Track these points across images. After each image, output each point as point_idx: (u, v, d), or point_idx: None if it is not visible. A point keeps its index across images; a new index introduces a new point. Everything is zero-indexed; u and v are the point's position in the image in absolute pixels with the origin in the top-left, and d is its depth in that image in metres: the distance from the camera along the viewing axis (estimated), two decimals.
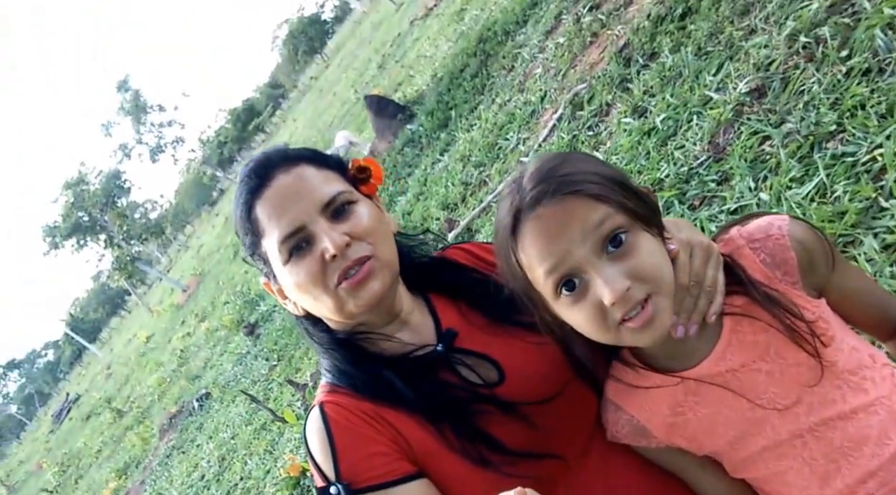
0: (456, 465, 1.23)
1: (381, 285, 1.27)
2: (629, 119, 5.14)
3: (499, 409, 1.26)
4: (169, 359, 21.17)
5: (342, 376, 1.33)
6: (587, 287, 1.06)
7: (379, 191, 1.42)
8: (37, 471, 30.16)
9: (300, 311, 1.36)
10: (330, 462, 1.23)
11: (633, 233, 1.07)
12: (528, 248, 1.09)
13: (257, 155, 1.35)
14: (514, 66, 9.03)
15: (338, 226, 1.26)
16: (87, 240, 34.81)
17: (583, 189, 1.06)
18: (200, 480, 9.73)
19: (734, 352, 1.17)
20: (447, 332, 1.37)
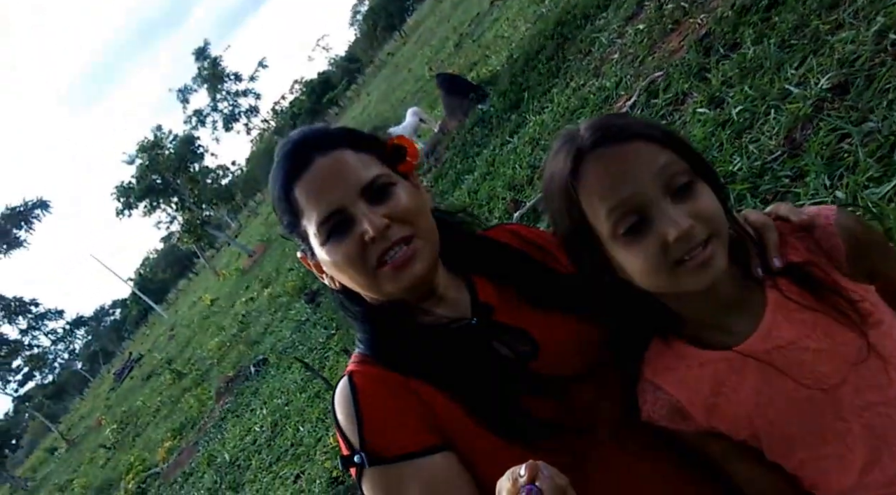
0: (483, 439, 1.22)
1: (422, 266, 1.28)
2: (705, 109, 5.03)
3: (530, 384, 1.25)
4: (230, 323, 21.65)
5: (374, 347, 1.34)
6: (650, 225, 1.08)
7: (421, 169, 1.40)
8: (96, 427, 31.15)
9: (336, 285, 1.36)
10: (355, 431, 1.23)
11: (693, 182, 1.09)
12: (591, 186, 1.10)
13: (294, 135, 1.35)
14: (591, 51, 8.91)
15: (377, 208, 1.26)
16: (159, 203, 35.45)
17: (645, 134, 1.10)
18: (252, 444, 9.98)
19: (780, 328, 1.15)
20: (483, 306, 1.36)
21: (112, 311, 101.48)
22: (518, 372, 1.27)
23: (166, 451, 14.44)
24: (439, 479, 1.20)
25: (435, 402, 1.24)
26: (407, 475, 1.20)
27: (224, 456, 10.58)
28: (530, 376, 1.26)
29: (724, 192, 1.17)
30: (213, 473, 10.33)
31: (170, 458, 13.98)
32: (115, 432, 23.26)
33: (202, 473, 10.98)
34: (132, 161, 35.20)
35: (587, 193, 1.11)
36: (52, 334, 46.38)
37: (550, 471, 0.94)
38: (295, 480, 7.42)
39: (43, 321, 44.23)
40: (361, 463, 1.21)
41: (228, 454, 10.48)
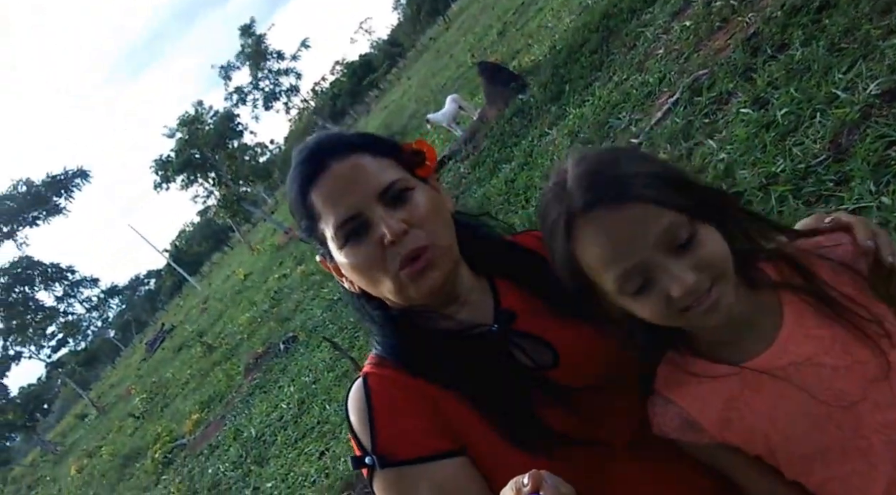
0: (498, 447, 1.21)
1: (441, 274, 1.26)
2: (748, 110, 4.98)
3: (549, 393, 1.24)
4: (262, 298, 21.83)
5: (391, 350, 1.32)
6: (654, 281, 1.07)
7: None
8: (126, 396, 31.45)
9: (356, 289, 1.35)
10: (368, 433, 1.23)
11: (695, 232, 1.06)
12: (589, 251, 1.09)
13: (310, 141, 1.33)
14: (635, 45, 8.83)
15: (395, 213, 1.24)
16: (197, 177, 35.62)
17: (642, 195, 1.05)
18: (279, 420, 10.08)
19: (798, 344, 1.14)
20: (504, 312, 1.34)
21: (147, 281, 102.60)
22: (536, 381, 1.26)
23: (193, 423, 14.60)
24: (450, 484, 1.19)
25: (451, 408, 1.24)
26: (417, 479, 1.19)
27: (250, 430, 10.70)
28: (548, 386, 1.25)
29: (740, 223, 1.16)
30: (239, 447, 10.45)
31: (197, 431, 14.14)
32: (144, 402, 23.46)
33: (228, 447, 11.12)
34: (172, 135, 35.38)
35: (586, 259, 1.10)
36: (87, 302, 47.01)
37: (554, 481, 0.94)
38: (320, 457, 7.51)
39: (78, 288, 44.85)
40: (372, 465, 1.21)
41: (255, 429, 10.59)
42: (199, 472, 11.36)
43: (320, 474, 7.04)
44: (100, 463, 20.93)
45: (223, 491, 9.51)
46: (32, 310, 40.88)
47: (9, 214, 38.33)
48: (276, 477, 8.14)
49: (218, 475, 10.24)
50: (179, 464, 13.05)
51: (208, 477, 10.56)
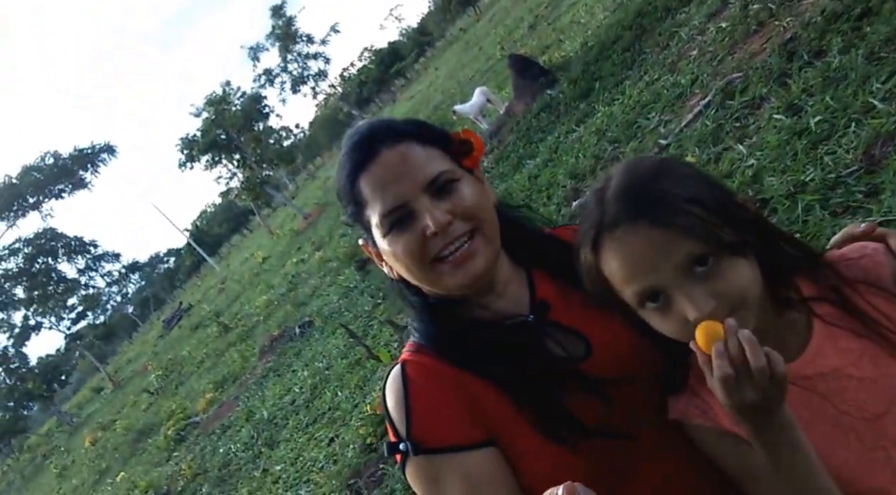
0: (529, 438, 1.23)
1: (483, 263, 1.28)
2: (781, 116, 4.92)
3: (580, 385, 1.25)
4: (280, 282, 21.93)
5: (429, 338, 1.34)
6: (671, 302, 1.08)
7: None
8: (142, 372, 31.74)
9: (395, 275, 1.37)
10: (403, 419, 1.25)
11: (721, 259, 1.06)
12: (611, 265, 1.11)
13: (362, 127, 1.35)
14: (668, 45, 8.75)
15: (440, 203, 1.26)
16: (221, 158, 35.69)
17: (672, 221, 1.04)
18: (291, 404, 10.15)
19: (826, 356, 1.14)
20: (540, 303, 1.36)
21: (166, 260, 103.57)
22: (568, 372, 1.27)
23: (207, 402, 14.71)
24: (481, 474, 1.21)
25: (485, 397, 1.26)
26: (449, 467, 1.22)
27: (263, 412, 10.77)
28: (580, 377, 1.26)
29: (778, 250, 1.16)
30: (251, 428, 10.53)
31: (210, 409, 14.25)
32: (159, 378, 23.68)
33: (240, 427, 11.21)
34: (199, 114, 35.60)
35: (608, 269, 1.12)
36: (108, 276, 47.42)
37: (587, 493, 0.94)
38: (329, 443, 7.55)
39: (100, 262, 45.10)
40: (406, 452, 1.23)
41: (267, 411, 10.67)
42: (210, 451, 11.47)
43: (329, 460, 7.08)
44: (113, 437, 21.17)
45: (233, 470, 9.59)
46: (54, 281, 41.28)
47: (35, 185, 38.64)
48: (285, 460, 8.20)
49: (229, 454, 10.34)
50: (191, 442, 13.18)
51: (219, 457, 10.66)
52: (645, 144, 6.82)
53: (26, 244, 40.17)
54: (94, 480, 18.04)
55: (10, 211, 38.59)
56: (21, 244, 40.05)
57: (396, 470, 5.52)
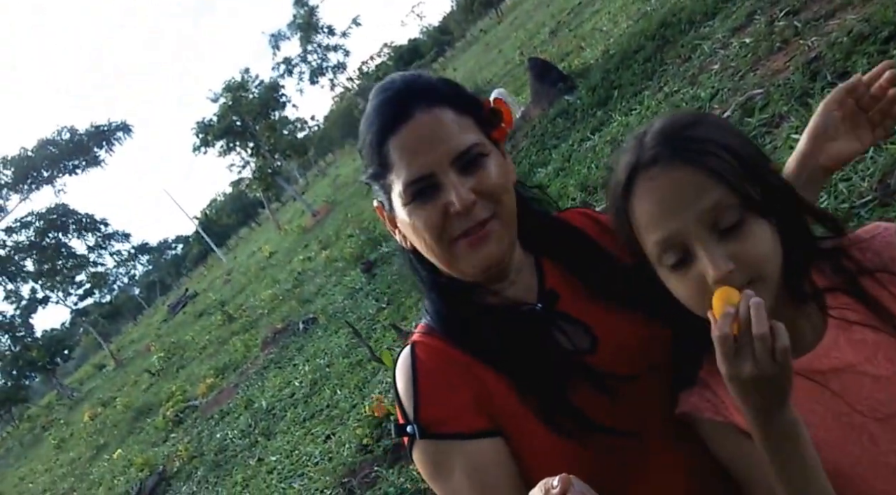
0: (534, 429, 1.22)
1: (499, 248, 1.26)
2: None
3: (586, 379, 1.24)
4: (286, 278, 21.95)
5: (440, 320, 1.33)
6: (691, 258, 1.06)
7: (512, 159, 1.36)
8: (145, 353, 31.95)
9: (407, 245, 1.35)
10: (411, 402, 1.25)
11: (746, 219, 1.04)
12: (638, 211, 1.10)
13: (397, 81, 1.29)
14: (690, 58, 8.69)
15: (466, 180, 1.22)
16: (235, 145, 35.75)
17: (704, 162, 1.04)
18: (290, 397, 10.17)
19: (841, 350, 1.11)
20: (549, 292, 1.34)
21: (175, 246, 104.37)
22: (573, 365, 1.26)
23: (207, 388, 14.79)
24: (484, 464, 1.21)
25: (493, 386, 1.25)
26: (454, 454, 1.21)
27: (261, 402, 10.80)
28: (584, 370, 1.25)
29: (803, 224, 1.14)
30: (249, 417, 10.56)
31: (209, 395, 14.31)
32: (161, 360, 23.80)
33: (238, 415, 11.24)
34: (216, 99, 35.65)
35: (636, 216, 1.11)
36: (117, 256, 47.78)
37: (581, 487, 0.93)
38: (325, 440, 7.55)
39: (110, 241, 45.44)
40: (413, 434, 1.23)
41: (266, 402, 10.69)
42: (207, 435, 11.52)
43: (324, 456, 7.08)
44: (113, 414, 21.26)
45: (229, 456, 9.62)
46: (64, 256, 41.54)
47: (50, 159, 38.94)
48: (281, 451, 8.22)
49: (226, 440, 10.38)
50: (189, 425, 13.24)
51: (216, 441, 10.71)
52: None
53: (38, 218, 40.48)
54: (92, 455, 18.12)
55: (23, 183, 38.92)
56: (33, 218, 40.41)
57: (390, 474, 5.54)
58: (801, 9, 7.08)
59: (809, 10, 6.86)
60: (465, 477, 1.20)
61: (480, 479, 1.20)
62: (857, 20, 5.70)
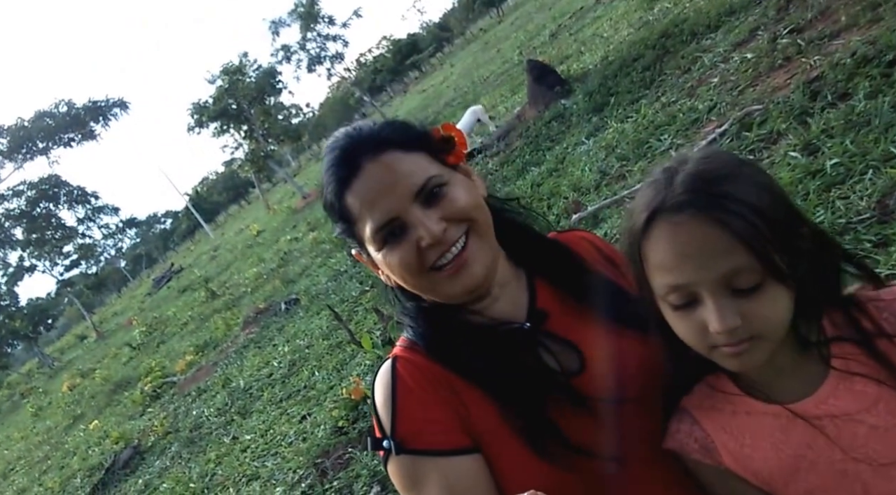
0: (514, 449, 1.20)
1: (481, 269, 1.26)
2: (797, 154, 4.90)
3: (571, 401, 1.22)
4: (271, 257, 21.93)
5: (422, 338, 1.32)
6: (697, 303, 1.05)
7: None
8: (127, 326, 31.85)
9: (391, 283, 1.35)
10: (389, 416, 1.24)
11: (764, 283, 1.01)
12: (653, 252, 1.07)
13: (341, 139, 1.29)
14: (690, 69, 8.76)
15: (432, 211, 1.23)
16: (229, 127, 35.86)
17: (735, 226, 0.99)
18: (268, 377, 10.18)
19: (840, 398, 1.10)
20: (538, 312, 1.33)
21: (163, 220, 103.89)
22: (559, 386, 1.24)
23: (186, 364, 14.78)
24: (460, 481, 1.20)
25: (473, 404, 1.24)
26: (429, 470, 1.20)
27: (239, 381, 10.80)
28: (570, 392, 1.23)
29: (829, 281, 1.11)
30: (226, 395, 10.56)
31: (188, 371, 14.29)
32: (142, 334, 23.74)
33: (215, 393, 11.23)
34: (213, 81, 35.65)
35: (650, 254, 1.08)
36: (105, 229, 48.07)
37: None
38: (301, 420, 7.56)
39: (99, 214, 45.76)
40: (389, 449, 1.23)
41: (244, 381, 10.70)
42: (184, 412, 11.50)
43: (298, 437, 7.10)
44: (91, 385, 21.19)
45: (204, 433, 9.61)
46: (53, 227, 41.80)
47: (46, 131, 38.97)
48: (256, 430, 8.23)
49: (201, 418, 10.36)
50: (166, 400, 13.21)
51: (192, 418, 10.69)
52: (654, 166, 6.76)
53: (30, 187, 40.74)
54: (68, 424, 18.05)
55: (18, 153, 38.90)
56: (25, 187, 40.66)
57: (364, 456, 5.56)
58: (805, 27, 7.14)
59: (814, 29, 6.92)
60: (440, 493, 1.19)
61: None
62: (861, 42, 5.75)
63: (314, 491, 5.61)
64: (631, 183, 6.84)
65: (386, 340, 7.19)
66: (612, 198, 6.81)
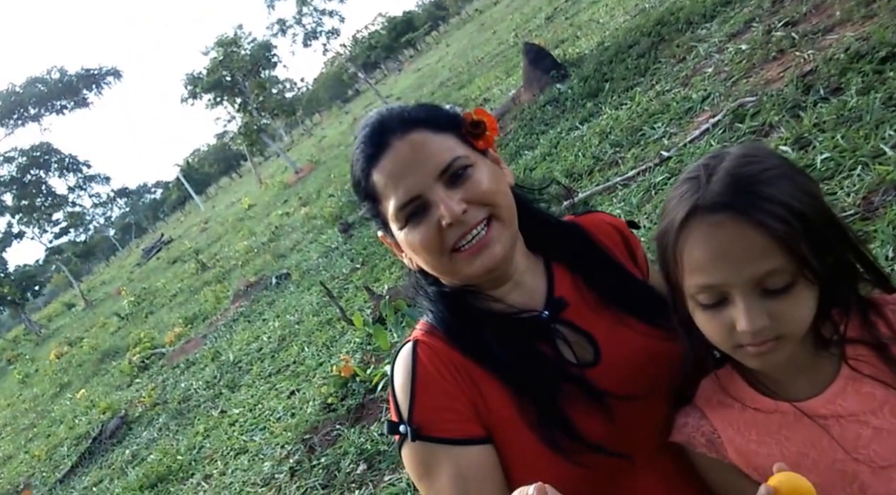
0: (526, 440, 1.22)
1: (501, 250, 1.27)
2: (788, 147, 4.94)
3: (584, 394, 1.23)
4: (262, 231, 21.94)
5: (443, 325, 1.33)
6: (727, 302, 1.06)
7: (499, 141, 1.37)
8: (115, 296, 31.79)
9: (414, 266, 1.37)
10: (407, 401, 1.25)
11: (796, 283, 1.03)
12: (689, 251, 1.07)
13: (373, 117, 1.32)
14: (685, 58, 8.78)
15: (454, 192, 1.24)
16: (223, 99, 35.80)
17: (775, 228, 0.99)
18: (257, 351, 10.23)
19: (847, 398, 1.12)
20: (557, 301, 1.34)
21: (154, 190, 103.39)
22: (574, 378, 1.25)
23: (175, 336, 14.82)
24: (472, 471, 1.21)
25: (489, 392, 1.25)
26: (442, 458, 1.22)
27: (228, 355, 10.87)
28: (586, 386, 1.24)
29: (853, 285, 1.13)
30: (215, 368, 10.60)
31: (176, 343, 14.33)
32: (131, 305, 23.75)
33: (204, 365, 11.29)
34: (208, 53, 35.56)
35: (685, 253, 1.07)
36: (96, 197, 48.12)
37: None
38: (289, 396, 7.61)
39: (90, 183, 45.87)
40: (405, 434, 1.24)
41: (233, 354, 10.75)
42: (172, 383, 11.57)
43: (287, 412, 7.14)
44: (79, 354, 21.23)
45: (192, 406, 9.67)
46: (44, 194, 42.04)
47: (38, 97, 38.88)
48: (244, 404, 8.29)
49: (190, 390, 10.44)
50: (154, 372, 13.26)
51: (180, 390, 10.77)
52: (647, 153, 6.86)
53: (21, 154, 40.94)
54: (55, 392, 18.12)
55: (9, 119, 38.84)
56: (16, 153, 40.86)
57: (352, 433, 5.59)
58: (799, 20, 7.18)
59: (808, 23, 6.95)
60: (451, 482, 1.21)
61: (465, 486, 1.20)
62: (854, 37, 5.78)
63: (302, 466, 5.66)
64: (624, 170, 6.89)
65: (377, 319, 7.23)
66: (604, 184, 6.87)
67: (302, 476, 5.51)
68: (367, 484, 4.83)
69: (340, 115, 63.34)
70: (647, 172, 6.43)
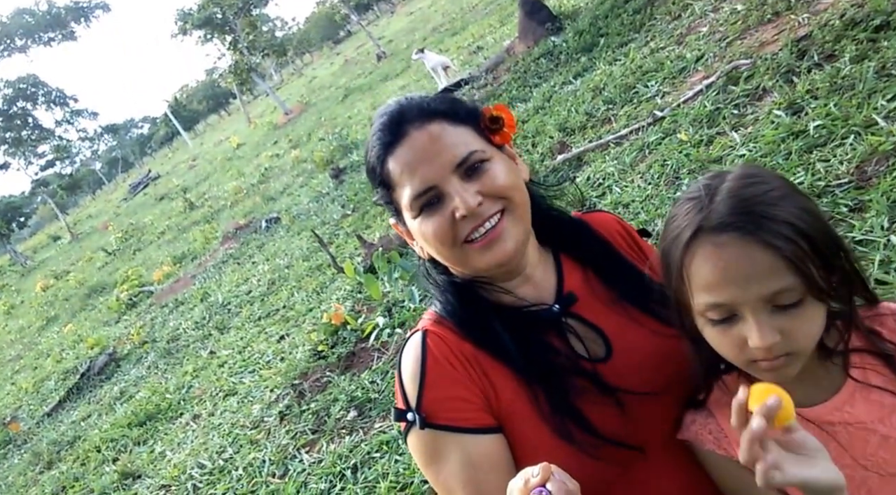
0: (538, 431, 1.23)
1: (513, 244, 1.28)
2: (781, 113, 4.96)
3: (596, 388, 1.25)
4: (252, 172, 21.81)
5: (451, 313, 1.34)
6: (736, 319, 1.07)
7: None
8: (102, 230, 31.58)
9: (426, 255, 1.38)
10: (415, 390, 1.26)
11: (804, 300, 1.04)
12: (696, 270, 1.08)
13: (392, 106, 1.32)
14: (680, 16, 8.75)
15: (470, 185, 1.25)
16: (213, 36, 35.37)
17: (782, 248, 1.01)
18: (247, 294, 10.28)
19: (855, 406, 1.13)
20: (567, 295, 1.36)
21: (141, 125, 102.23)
22: (586, 372, 1.27)
23: (163, 275, 14.82)
24: (482, 459, 1.22)
25: (499, 382, 1.26)
26: (450, 446, 1.23)
27: (218, 296, 10.91)
28: (597, 380, 1.26)
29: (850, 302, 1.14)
30: (204, 309, 10.65)
31: (165, 282, 14.35)
32: (118, 240, 23.66)
33: (193, 306, 11.35)
34: None
35: (693, 273, 1.08)
36: (83, 132, 47.69)
37: (562, 476, 0.96)
38: (279, 340, 7.66)
39: (77, 118, 45.50)
40: (413, 422, 1.25)
41: (222, 296, 10.80)
42: (160, 322, 11.62)
43: (276, 356, 7.19)
44: (65, 287, 21.24)
45: (181, 346, 9.74)
46: (30, 127, 41.74)
47: (25, 28, 38.35)
48: (233, 347, 8.35)
49: (179, 330, 10.49)
50: (143, 310, 13.30)
51: (169, 330, 10.82)
52: (640, 112, 6.88)
53: (8, 85, 40.51)
54: (42, 325, 18.20)
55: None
56: (2, 84, 40.43)
57: (342, 380, 5.64)
58: None
59: None
60: (459, 470, 1.21)
61: (473, 475, 1.21)
62: (850, 4, 5.76)
63: (291, 411, 5.71)
64: (616, 127, 6.91)
65: (368, 268, 7.28)
66: (596, 141, 6.90)
67: (291, 420, 5.58)
68: (357, 430, 4.88)
69: (331, 55, 62.31)
70: (641, 131, 6.45)
